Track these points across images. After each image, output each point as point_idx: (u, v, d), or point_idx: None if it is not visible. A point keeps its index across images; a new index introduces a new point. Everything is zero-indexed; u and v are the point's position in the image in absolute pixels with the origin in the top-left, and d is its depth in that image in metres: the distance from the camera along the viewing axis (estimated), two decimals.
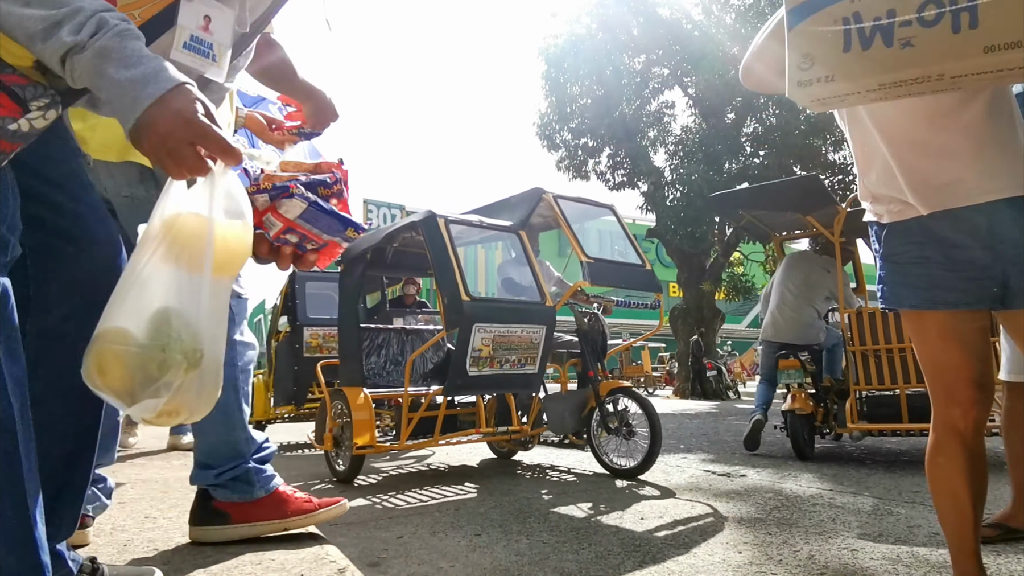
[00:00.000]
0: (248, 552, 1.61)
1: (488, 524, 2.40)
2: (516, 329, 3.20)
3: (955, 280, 1.33)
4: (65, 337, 1.19)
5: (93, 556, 1.21)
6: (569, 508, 2.66)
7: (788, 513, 2.50)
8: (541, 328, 3.31)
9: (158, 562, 1.53)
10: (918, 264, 1.37)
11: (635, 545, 2.08)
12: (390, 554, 2.02)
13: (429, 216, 3.23)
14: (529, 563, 1.90)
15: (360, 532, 2.31)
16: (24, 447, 0.98)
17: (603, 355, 3.72)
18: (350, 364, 3.59)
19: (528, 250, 3.53)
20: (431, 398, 3.41)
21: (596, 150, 13.67)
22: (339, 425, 3.37)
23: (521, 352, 3.28)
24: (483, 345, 3.08)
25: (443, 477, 3.58)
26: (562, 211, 3.55)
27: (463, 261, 3.19)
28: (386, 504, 2.81)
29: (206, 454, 1.76)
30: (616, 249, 4.12)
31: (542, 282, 3.47)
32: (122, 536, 1.77)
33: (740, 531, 2.25)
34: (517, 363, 3.28)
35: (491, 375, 3.19)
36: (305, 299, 5.13)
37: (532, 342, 3.29)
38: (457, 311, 2.99)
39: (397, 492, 3.11)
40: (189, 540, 1.73)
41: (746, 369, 20.60)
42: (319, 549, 1.64)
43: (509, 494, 3.00)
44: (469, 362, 3.06)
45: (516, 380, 3.35)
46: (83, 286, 1.23)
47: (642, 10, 12.26)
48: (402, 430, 3.26)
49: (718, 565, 1.85)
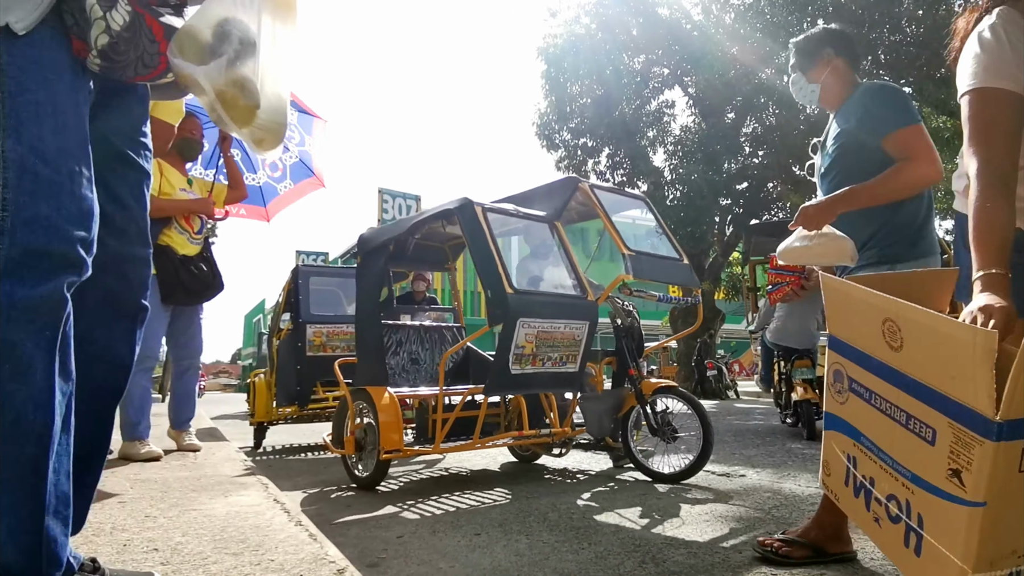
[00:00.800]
0: (247, 553, 1.61)
1: (487, 524, 2.40)
2: (559, 325, 3.01)
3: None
4: (92, 344, 1.24)
5: (94, 557, 1.22)
6: (568, 508, 2.66)
7: (787, 513, 2.50)
8: (584, 324, 3.13)
9: (157, 562, 1.53)
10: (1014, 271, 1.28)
11: (635, 545, 2.08)
12: (389, 554, 2.02)
13: (466, 203, 3.04)
14: (528, 563, 1.90)
15: (359, 532, 2.31)
16: (56, 460, 1.06)
17: (640, 353, 3.55)
18: (372, 362, 3.39)
19: (566, 241, 3.36)
20: (465, 398, 3.24)
21: (595, 150, 13.66)
22: (362, 427, 3.18)
23: (563, 349, 3.08)
24: (526, 342, 2.89)
25: (442, 477, 3.58)
26: (600, 201, 3.38)
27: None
28: (385, 504, 2.81)
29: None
30: (649, 243, 3.88)
31: (583, 275, 3.29)
32: (122, 536, 1.76)
33: (740, 531, 2.25)
34: (559, 361, 3.09)
35: (533, 374, 2.99)
36: (308, 295, 4.95)
37: (575, 339, 3.11)
38: (502, 305, 2.79)
39: (396, 492, 3.11)
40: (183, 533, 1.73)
41: (744, 369, 20.59)
42: (318, 549, 1.64)
43: (508, 494, 3.00)
44: (512, 360, 2.86)
45: (558, 379, 3.15)
46: (114, 298, 1.28)
47: (641, 10, 12.24)
48: (437, 433, 3.08)
49: (718, 565, 1.85)
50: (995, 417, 0.87)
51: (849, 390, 1.14)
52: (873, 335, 1.07)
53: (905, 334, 1.02)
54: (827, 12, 10.27)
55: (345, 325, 4.90)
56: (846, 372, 1.14)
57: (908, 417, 1.01)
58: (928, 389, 0.98)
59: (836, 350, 1.17)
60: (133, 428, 3.33)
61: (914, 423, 1.00)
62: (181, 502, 2.23)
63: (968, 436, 0.91)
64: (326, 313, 5.00)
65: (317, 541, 1.72)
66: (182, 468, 3.07)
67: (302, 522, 1.93)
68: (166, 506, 2.16)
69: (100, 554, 1.58)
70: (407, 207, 13.87)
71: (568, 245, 3.37)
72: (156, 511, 2.08)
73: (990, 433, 0.87)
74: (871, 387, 1.09)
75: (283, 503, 2.22)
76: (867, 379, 1.10)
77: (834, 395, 1.17)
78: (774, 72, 10.84)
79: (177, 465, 3.17)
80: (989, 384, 0.87)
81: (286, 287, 5.19)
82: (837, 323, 1.18)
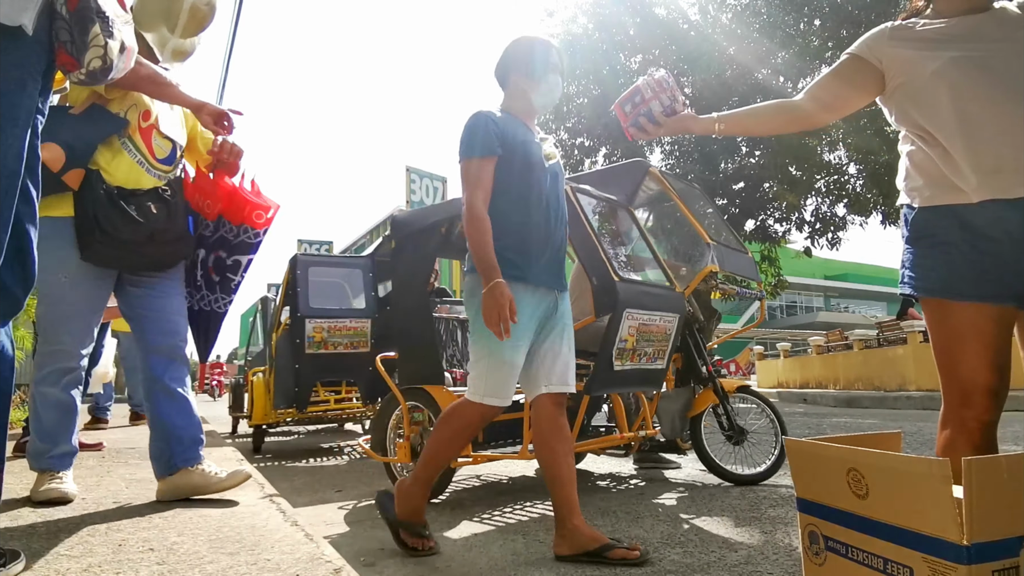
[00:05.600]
0: (244, 552, 1.60)
1: (484, 523, 2.40)
2: (656, 317, 2.78)
3: (975, 272, 1.31)
4: None
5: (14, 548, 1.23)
6: None
7: (785, 512, 2.50)
8: (676, 318, 2.90)
9: (153, 562, 1.52)
10: (941, 250, 1.36)
11: (632, 544, 2.08)
12: (386, 553, 2.02)
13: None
14: (525, 563, 1.90)
15: (356, 531, 2.31)
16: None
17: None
18: (425, 358, 2.98)
19: (642, 228, 3.14)
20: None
21: (592, 149, 13.67)
22: (418, 432, 2.82)
23: (656, 344, 2.83)
24: (629, 335, 2.65)
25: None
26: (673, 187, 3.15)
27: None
28: None
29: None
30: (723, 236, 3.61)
31: (665, 265, 3.07)
32: (117, 536, 1.76)
33: (737, 530, 2.26)
34: (651, 357, 2.85)
35: (631, 370, 2.74)
36: (308, 287, 4.46)
37: (666, 333, 2.87)
38: (610, 294, 2.56)
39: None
40: (181, 538, 1.72)
41: (741, 369, 20.64)
42: (314, 549, 1.63)
43: (505, 493, 3.00)
44: (615, 354, 2.62)
45: (648, 376, 2.89)
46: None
47: (639, 10, 12.26)
48: (525, 435, 2.68)
49: (714, 564, 1.86)
50: (963, 541, 0.90)
51: (826, 549, 1.17)
52: (840, 487, 1.11)
53: (868, 480, 1.06)
54: (823, 12, 10.30)
55: (349, 320, 4.48)
56: (820, 531, 1.18)
57: (885, 562, 1.04)
58: (898, 529, 1.01)
59: (807, 511, 1.21)
60: (39, 457, 2.21)
61: (891, 566, 1.03)
62: (177, 502, 2.22)
63: (942, 566, 0.94)
64: (328, 306, 4.53)
65: (313, 541, 1.72)
66: None
67: (298, 522, 1.93)
68: (161, 506, 2.15)
69: (95, 553, 1.57)
70: (434, 188, 13.53)
71: (645, 232, 3.16)
72: (151, 511, 2.08)
73: (961, 558, 0.91)
74: (846, 540, 1.12)
75: (279, 503, 2.21)
76: (841, 533, 1.13)
77: (811, 558, 1.20)
78: (771, 72, 10.86)
79: None
80: (951, 510, 0.92)
81: (285, 278, 4.74)
82: (804, 484, 1.22)
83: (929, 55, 1.37)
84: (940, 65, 1.35)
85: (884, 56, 1.45)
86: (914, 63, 1.39)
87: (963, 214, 1.33)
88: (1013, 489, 0.92)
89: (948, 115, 1.34)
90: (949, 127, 1.34)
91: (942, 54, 1.35)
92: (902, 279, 1.45)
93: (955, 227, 1.34)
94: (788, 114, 1.58)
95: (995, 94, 1.30)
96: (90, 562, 1.51)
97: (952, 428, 1.36)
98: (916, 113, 1.41)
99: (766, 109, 1.61)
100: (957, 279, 1.33)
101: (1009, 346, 1.36)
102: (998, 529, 0.91)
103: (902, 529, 1.00)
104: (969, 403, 1.33)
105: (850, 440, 1.21)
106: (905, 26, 1.46)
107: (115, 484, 2.56)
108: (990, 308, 1.32)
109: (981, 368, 1.32)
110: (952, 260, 1.34)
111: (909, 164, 1.45)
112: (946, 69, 1.34)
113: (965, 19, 1.38)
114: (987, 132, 1.30)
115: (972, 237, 1.32)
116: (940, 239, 1.36)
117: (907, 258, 1.43)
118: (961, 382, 1.34)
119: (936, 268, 1.37)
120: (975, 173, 1.30)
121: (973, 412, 1.33)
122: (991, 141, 1.30)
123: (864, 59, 1.48)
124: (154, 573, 1.44)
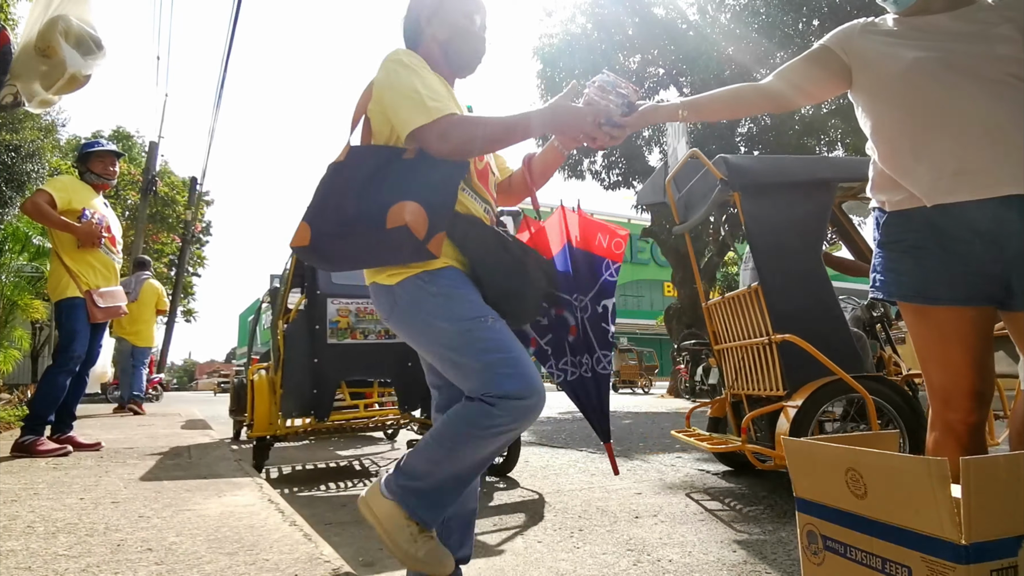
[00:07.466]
0: (242, 552, 1.60)
1: (483, 523, 2.40)
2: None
3: (948, 274, 1.30)
4: None
5: None
6: (564, 507, 2.66)
7: (782, 511, 2.51)
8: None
9: (152, 562, 1.52)
10: (912, 254, 1.35)
11: (630, 544, 2.08)
12: (384, 553, 2.01)
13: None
14: (524, 562, 1.90)
15: (355, 532, 2.31)
16: None
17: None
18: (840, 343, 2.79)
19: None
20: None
21: (591, 149, 13.64)
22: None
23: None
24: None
25: None
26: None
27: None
28: None
29: None
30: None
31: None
32: (116, 536, 1.76)
33: (735, 530, 2.26)
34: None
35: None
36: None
37: None
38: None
39: None
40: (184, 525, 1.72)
41: None
42: (313, 549, 1.63)
43: (504, 493, 3.00)
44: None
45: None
46: None
47: (637, 10, 12.26)
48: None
49: (712, 564, 1.86)
50: (961, 540, 0.90)
51: (825, 549, 1.17)
52: (838, 487, 1.12)
53: (867, 480, 1.06)
54: (822, 12, 10.31)
55: None
56: (819, 531, 1.18)
57: (883, 562, 1.04)
58: (896, 529, 1.01)
59: (806, 511, 1.21)
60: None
61: (890, 566, 1.03)
62: (175, 502, 2.22)
63: (940, 566, 0.94)
64: (357, 283, 3.30)
65: (312, 541, 1.72)
66: (175, 468, 3.05)
67: (296, 522, 1.93)
68: (160, 506, 2.15)
69: (93, 554, 1.57)
70: None
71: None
72: (150, 511, 2.07)
73: (959, 557, 0.91)
74: (844, 540, 1.13)
75: (277, 503, 2.21)
76: (839, 533, 1.14)
77: (810, 558, 1.20)
78: (770, 72, 10.86)
79: (170, 465, 3.15)
80: (950, 509, 0.92)
81: (294, 256, 3.63)
82: (803, 484, 1.22)
83: (894, 54, 1.35)
84: (903, 66, 1.33)
85: (851, 51, 1.43)
86: (879, 62, 1.38)
87: (932, 216, 1.31)
88: (1011, 489, 0.92)
89: (911, 116, 1.33)
90: (910, 128, 1.33)
91: (907, 54, 1.33)
92: (873, 283, 1.43)
93: (925, 230, 1.32)
94: (760, 96, 1.56)
95: (958, 94, 1.28)
96: (88, 562, 1.51)
97: (939, 431, 1.36)
98: (880, 112, 1.40)
99: (732, 92, 1.58)
100: (932, 283, 1.32)
101: (991, 347, 1.34)
102: (996, 529, 0.91)
103: (900, 529, 1.00)
104: (953, 406, 1.33)
105: (848, 440, 1.21)
106: (875, 22, 1.44)
107: (113, 484, 2.56)
108: (967, 310, 1.30)
109: (962, 370, 1.31)
110: (924, 264, 1.33)
111: (875, 169, 1.44)
112: (910, 69, 1.32)
113: (938, 16, 1.35)
114: (950, 132, 1.28)
115: (943, 240, 1.30)
116: (911, 243, 1.35)
117: (879, 262, 1.42)
118: (943, 385, 1.34)
119: (910, 272, 1.35)
120: (939, 175, 1.28)
121: (958, 415, 1.32)
122: (955, 141, 1.28)
123: (833, 51, 1.46)
124: (152, 573, 1.44)
